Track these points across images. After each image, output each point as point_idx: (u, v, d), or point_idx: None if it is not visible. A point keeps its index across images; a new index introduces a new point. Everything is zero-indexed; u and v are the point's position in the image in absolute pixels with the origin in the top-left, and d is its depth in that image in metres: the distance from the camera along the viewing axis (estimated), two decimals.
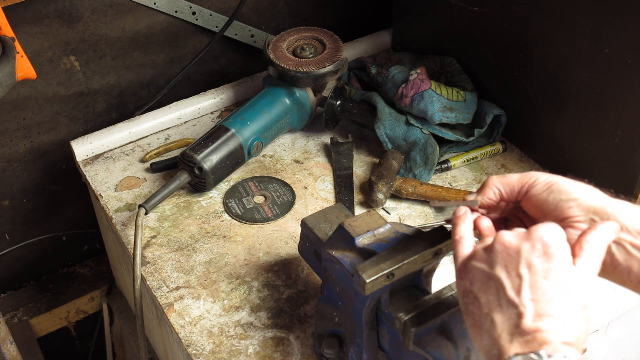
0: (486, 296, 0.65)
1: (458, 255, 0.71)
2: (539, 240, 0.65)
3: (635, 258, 0.68)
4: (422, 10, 1.38)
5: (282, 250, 1.12)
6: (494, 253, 0.66)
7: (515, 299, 0.63)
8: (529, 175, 0.75)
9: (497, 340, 0.62)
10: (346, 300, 0.87)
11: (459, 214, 0.74)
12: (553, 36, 1.12)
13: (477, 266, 0.67)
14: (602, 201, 0.71)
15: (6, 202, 1.39)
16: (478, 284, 0.66)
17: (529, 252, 0.65)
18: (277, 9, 1.48)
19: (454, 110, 1.22)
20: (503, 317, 0.63)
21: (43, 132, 1.35)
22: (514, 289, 0.63)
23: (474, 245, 0.71)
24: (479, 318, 0.65)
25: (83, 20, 1.27)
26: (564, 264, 0.65)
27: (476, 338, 0.65)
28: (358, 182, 1.23)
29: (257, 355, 0.97)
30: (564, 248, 0.66)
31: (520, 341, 0.61)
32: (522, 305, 0.62)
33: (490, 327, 0.63)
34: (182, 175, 1.17)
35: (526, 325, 0.61)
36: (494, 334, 0.63)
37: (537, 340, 0.60)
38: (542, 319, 0.61)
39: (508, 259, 0.65)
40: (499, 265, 0.65)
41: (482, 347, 0.64)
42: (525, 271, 0.64)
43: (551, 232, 0.66)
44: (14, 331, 1.39)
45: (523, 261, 0.64)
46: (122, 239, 1.14)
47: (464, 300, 0.67)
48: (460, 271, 0.69)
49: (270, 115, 1.24)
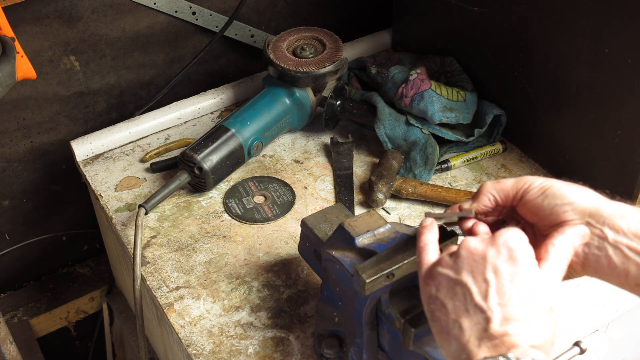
0: (453, 302, 0.65)
1: (423, 262, 0.71)
2: (504, 245, 0.66)
3: (632, 261, 0.68)
4: (422, 10, 1.38)
5: (282, 250, 1.12)
6: (460, 259, 0.67)
7: (482, 303, 0.63)
8: (523, 181, 0.75)
9: (466, 345, 0.62)
10: (346, 300, 0.87)
11: (425, 224, 0.75)
12: (553, 36, 1.12)
13: (443, 272, 0.67)
14: (597, 204, 0.71)
15: (6, 202, 1.39)
16: (444, 290, 0.66)
17: (494, 257, 0.65)
18: (277, 9, 1.48)
19: (454, 110, 1.22)
20: (471, 322, 0.63)
21: (43, 132, 1.35)
22: (481, 294, 0.64)
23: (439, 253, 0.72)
24: (446, 324, 0.65)
25: (83, 20, 1.27)
26: (529, 268, 0.65)
27: (444, 344, 0.65)
28: (358, 182, 1.23)
29: (257, 355, 0.97)
30: (528, 252, 0.66)
31: (489, 345, 0.61)
32: (489, 310, 0.63)
33: (458, 332, 0.63)
34: (182, 175, 1.17)
35: (494, 329, 0.62)
36: (462, 339, 0.63)
37: (505, 344, 0.60)
38: (510, 323, 0.62)
39: (474, 265, 0.66)
40: (465, 271, 0.66)
41: (449, 354, 0.64)
42: (492, 276, 0.64)
43: (515, 237, 0.67)
44: (14, 331, 1.39)
45: (489, 266, 0.65)
46: (122, 239, 1.15)
47: (430, 307, 0.67)
48: (426, 278, 0.69)
49: (270, 115, 1.24)
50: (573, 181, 0.74)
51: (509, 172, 1.25)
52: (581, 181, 0.75)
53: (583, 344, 1.01)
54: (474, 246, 0.67)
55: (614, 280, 0.71)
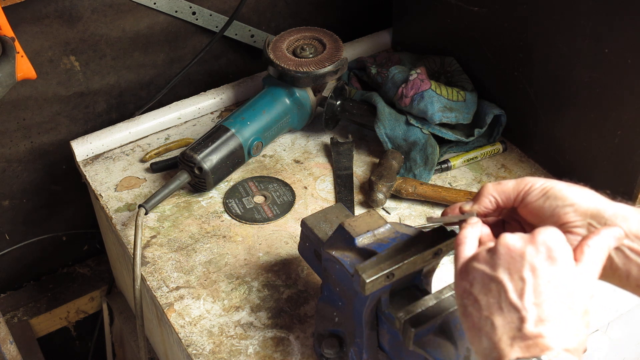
0: (487, 298, 0.64)
1: (460, 256, 0.70)
2: (543, 243, 0.65)
3: (633, 262, 0.68)
4: (422, 10, 1.38)
5: (282, 250, 1.12)
6: (497, 255, 0.66)
7: (517, 302, 0.62)
8: (524, 182, 0.74)
9: (497, 344, 0.61)
10: (346, 300, 0.87)
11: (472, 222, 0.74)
12: (553, 36, 1.12)
13: (479, 268, 0.66)
14: (599, 205, 0.70)
15: (6, 202, 1.39)
16: (479, 285, 0.65)
17: (533, 255, 0.64)
18: (277, 9, 1.48)
19: (454, 110, 1.22)
20: (504, 320, 0.62)
21: (43, 132, 1.35)
22: (517, 292, 0.63)
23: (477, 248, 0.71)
24: (478, 320, 0.64)
25: (83, 20, 1.27)
26: (567, 268, 0.64)
27: (474, 341, 0.65)
28: (358, 182, 1.23)
29: (257, 355, 0.97)
30: (567, 252, 0.65)
31: (522, 346, 0.60)
32: (524, 310, 0.62)
33: (490, 330, 0.62)
34: (182, 175, 1.17)
35: (528, 330, 0.61)
36: (493, 337, 0.62)
37: (538, 346, 0.60)
38: (544, 324, 0.61)
39: (511, 262, 0.65)
40: (501, 268, 0.65)
41: (480, 350, 0.64)
42: (529, 274, 0.63)
43: (555, 236, 0.66)
44: (14, 331, 1.39)
45: (527, 264, 0.64)
46: (122, 239, 1.15)
47: (463, 302, 0.67)
48: (462, 272, 0.68)
49: (270, 115, 1.24)
50: (573, 181, 0.73)
51: (509, 172, 1.25)
52: (581, 181, 0.75)
53: None
54: (512, 243, 0.66)
55: (616, 281, 0.70)
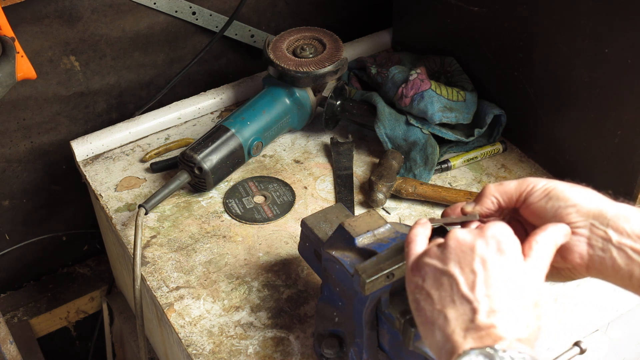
0: (439, 292, 0.65)
1: (410, 253, 0.71)
2: (493, 237, 0.66)
3: (636, 262, 0.68)
4: (422, 10, 1.38)
5: (282, 250, 1.12)
6: (448, 249, 0.67)
7: (469, 294, 0.63)
8: (526, 183, 0.74)
9: (451, 336, 0.62)
10: (346, 300, 0.87)
11: (421, 222, 0.75)
12: (553, 36, 1.12)
13: (430, 262, 0.67)
14: (601, 205, 0.70)
15: (6, 202, 1.39)
16: (430, 280, 0.66)
17: (483, 248, 0.65)
18: (277, 9, 1.48)
19: (454, 110, 1.22)
20: (457, 312, 0.63)
21: (43, 132, 1.35)
22: (468, 284, 0.64)
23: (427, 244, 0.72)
24: (431, 314, 0.65)
25: (83, 20, 1.27)
26: (516, 261, 0.65)
27: (427, 335, 0.65)
28: (358, 182, 1.23)
29: (257, 355, 0.97)
30: (515, 245, 0.67)
31: (475, 337, 0.61)
32: (476, 301, 0.62)
33: (444, 322, 0.63)
34: (182, 175, 1.17)
35: (480, 320, 0.61)
36: (447, 329, 0.62)
37: (491, 336, 0.60)
38: (496, 315, 0.61)
39: (462, 255, 0.66)
40: (452, 262, 0.66)
41: (433, 344, 0.64)
42: (480, 267, 0.64)
43: (503, 230, 0.67)
44: (14, 331, 1.39)
45: (477, 257, 0.65)
46: (122, 239, 1.15)
47: (416, 297, 0.67)
48: (413, 269, 0.69)
49: (270, 115, 1.24)
50: (574, 182, 0.73)
51: (509, 172, 1.25)
52: (581, 181, 0.75)
53: (583, 344, 1.01)
54: (462, 237, 0.67)
55: (618, 281, 0.70)
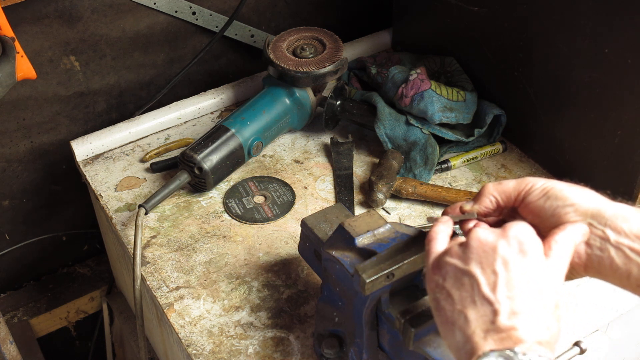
0: (460, 292, 0.64)
1: (431, 251, 0.70)
2: (515, 237, 0.66)
3: (634, 262, 0.68)
4: (422, 10, 1.38)
5: (282, 250, 1.12)
6: (470, 249, 0.66)
7: (490, 295, 0.63)
8: (524, 182, 0.74)
9: (471, 337, 0.62)
10: (346, 300, 0.87)
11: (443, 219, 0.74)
12: (553, 36, 1.12)
13: (451, 262, 0.67)
14: (599, 205, 0.70)
15: (6, 202, 1.39)
16: (451, 280, 0.66)
17: (505, 248, 0.65)
18: (277, 9, 1.48)
19: (454, 110, 1.22)
20: (477, 313, 0.62)
21: (43, 132, 1.35)
22: (490, 285, 0.63)
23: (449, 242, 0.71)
24: (451, 314, 0.64)
25: (83, 20, 1.27)
26: (538, 262, 0.65)
27: (447, 335, 0.65)
28: (358, 182, 1.23)
29: (257, 355, 0.97)
30: (538, 246, 0.66)
31: (495, 338, 0.60)
32: (497, 302, 0.62)
33: (464, 323, 0.63)
34: (182, 175, 1.17)
35: (501, 322, 0.61)
36: (467, 330, 0.62)
37: (512, 338, 0.60)
38: (517, 317, 0.61)
39: (484, 256, 0.65)
40: (474, 262, 0.65)
41: (453, 344, 0.64)
42: (502, 268, 0.64)
43: (526, 230, 0.67)
44: (14, 331, 1.39)
45: (499, 258, 0.64)
46: (122, 239, 1.15)
47: (436, 296, 0.67)
48: (434, 267, 0.69)
49: (270, 115, 1.24)
50: (573, 181, 0.74)
51: (509, 172, 1.25)
52: (581, 181, 0.75)
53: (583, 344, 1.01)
54: (484, 237, 0.66)
55: (616, 281, 0.71)
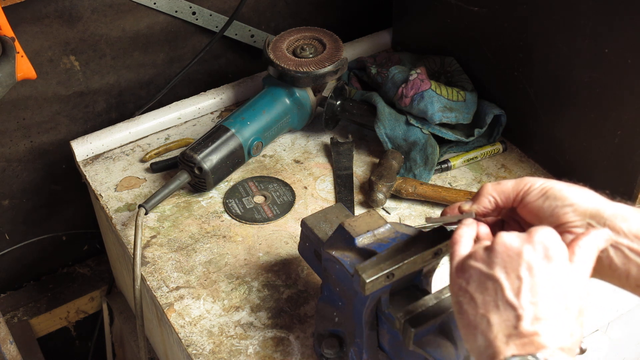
0: (483, 296, 0.64)
1: (456, 254, 0.70)
2: (540, 242, 0.65)
3: (633, 262, 0.68)
4: (422, 10, 1.38)
5: (282, 250, 1.12)
6: (494, 253, 0.66)
7: (514, 300, 0.62)
8: (523, 182, 0.74)
9: (493, 341, 0.61)
10: (346, 300, 0.87)
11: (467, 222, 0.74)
12: (553, 36, 1.12)
13: (476, 266, 0.66)
14: (598, 205, 0.70)
15: (6, 202, 1.39)
16: (475, 283, 0.65)
17: (530, 254, 0.64)
18: (277, 9, 1.48)
19: (454, 110, 1.22)
20: (500, 318, 0.62)
21: (43, 131, 1.35)
22: (514, 290, 0.63)
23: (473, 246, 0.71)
24: (474, 318, 0.64)
25: (83, 20, 1.27)
26: (563, 268, 0.64)
27: (469, 338, 0.65)
28: (358, 182, 1.23)
29: (257, 355, 0.97)
30: (563, 252, 0.66)
31: (517, 343, 0.60)
32: (521, 308, 0.62)
33: (486, 327, 0.63)
34: (182, 175, 1.17)
35: (524, 327, 0.61)
36: (489, 334, 0.62)
37: (534, 344, 0.60)
38: (541, 323, 0.61)
39: (508, 260, 0.65)
40: (498, 266, 0.65)
41: (474, 348, 0.64)
42: (526, 273, 0.64)
43: (551, 235, 0.66)
44: (14, 331, 1.39)
45: (524, 263, 0.64)
46: (122, 239, 1.15)
47: (459, 300, 0.66)
48: (458, 270, 0.68)
49: (270, 115, 1.24)
50: (573, 181, 0.74)
51: (509, 172, 1.25)
52: (581, 181, 0.75)
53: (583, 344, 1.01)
54: (509, 242, 0.66)
55: (615, 281, 0.71)
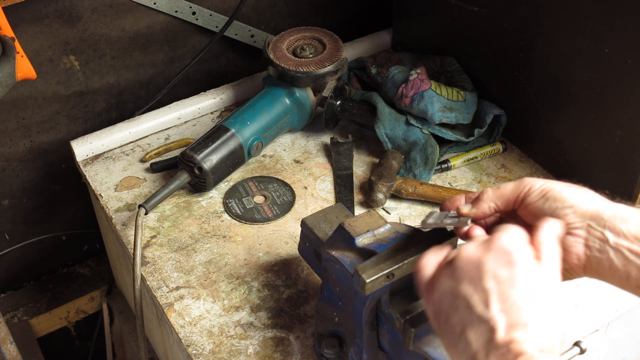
0: (457, 314, 0.63)
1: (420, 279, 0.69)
2: (502, 249, 0.64)
3: (633, 263, 0.68)
4: (422, 10, 1.38)
5: (282, 250, 1.12)
6: (458, 269, 0.65)
7: (484, 313, 0.61)
8: (523, 184, 0.74)
9: (475, 358, 0.60)
10: (346, 300, 0.87)
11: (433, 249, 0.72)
12: (553, 36, 1.12)
13: (442, 285, 0.65)
14: (598, 206, 0.70)
15: (6, 202, 1.39)
16: (446, 304, 0.65)
17: (492, 263, 0.63)
18: (277, 9, 1.48)
19: (454, 110, 1.22)
20: (476, 334, 0.61)
21: (43, 131, 1.35)
22: (483, 303, 0.62)
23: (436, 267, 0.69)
24: (453, 338, 0.63)
25: (83, 20, 1.27)
26: (528, 269, 0.63)
27: (454, 357, 0.64)
28: (358, 182, 1.23)
29: (257, 355, 0.97)
30: (526, 253, 0.64)
31: (497, 355, 0.59)
32: (492, 319, 0.61)
33: (466, 346, 0.61)
34: (182, 175, 1.17)
35: (499, 338, 0.60)
36: (470, 352, 0.61)
37: (512, 352, 0.59)
38: (515, 329, 0.60)
39: (473, 273, 0.64)
40: (464, 281, 0.64)
41: None
42: (492, 283, 0.62)
43: (512, 238, 0.65)
44: (14, 331, 1.39)
45: (488, 273, 0.63)
46: (122, 239, 1.15)
47: (437, 323, 0.66)
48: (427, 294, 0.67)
49: (270, 115, 1.24)
50: (573, 182, 0.73)
51: (509, 172, 1.25)
52: (581, 181, 0.75)
53: (583, 344, 1.01)
54: (469, 254, 0.65)
55: (615, 282, 0.70)
